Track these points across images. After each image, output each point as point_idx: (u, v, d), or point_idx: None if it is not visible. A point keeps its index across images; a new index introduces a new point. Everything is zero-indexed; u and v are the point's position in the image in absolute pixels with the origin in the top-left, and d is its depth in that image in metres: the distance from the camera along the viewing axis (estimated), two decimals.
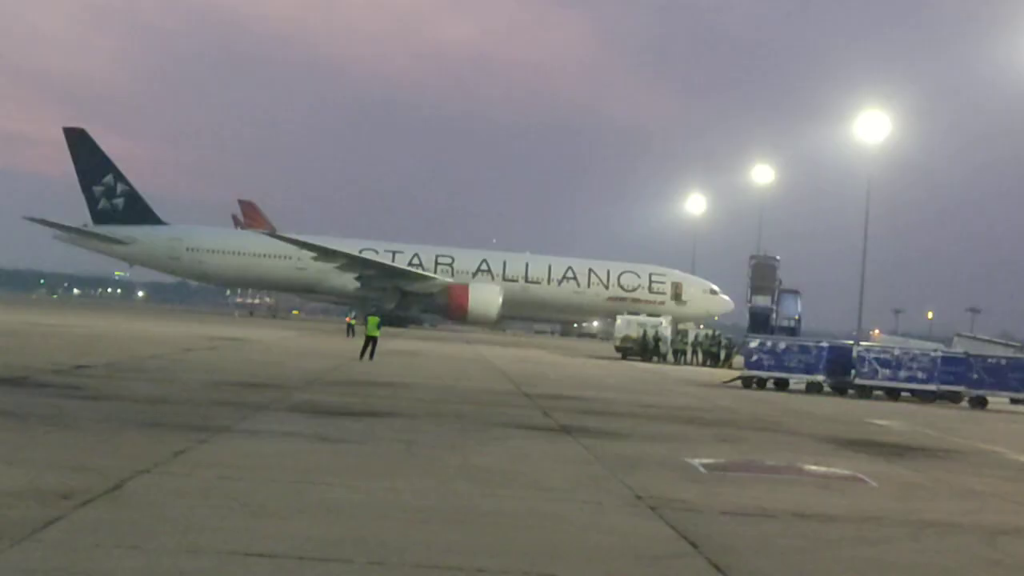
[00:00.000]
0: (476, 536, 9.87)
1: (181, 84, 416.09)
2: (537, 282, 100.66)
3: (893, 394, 41.89)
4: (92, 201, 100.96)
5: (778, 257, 65.89)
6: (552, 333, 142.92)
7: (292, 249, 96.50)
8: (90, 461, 12.41)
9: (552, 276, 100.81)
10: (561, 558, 9.33)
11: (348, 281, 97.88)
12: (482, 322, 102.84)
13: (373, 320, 41.58)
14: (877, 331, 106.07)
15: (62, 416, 16.40)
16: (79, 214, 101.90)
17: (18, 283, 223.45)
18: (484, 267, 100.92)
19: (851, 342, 48.52)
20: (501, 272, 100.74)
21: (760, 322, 60.99)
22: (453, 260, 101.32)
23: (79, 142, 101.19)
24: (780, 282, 64.08)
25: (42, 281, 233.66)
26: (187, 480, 11.72)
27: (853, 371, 42.70)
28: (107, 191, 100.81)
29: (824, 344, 44.31)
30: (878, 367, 42.27)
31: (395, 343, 55.72)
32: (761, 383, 42.93)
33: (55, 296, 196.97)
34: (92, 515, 9.58)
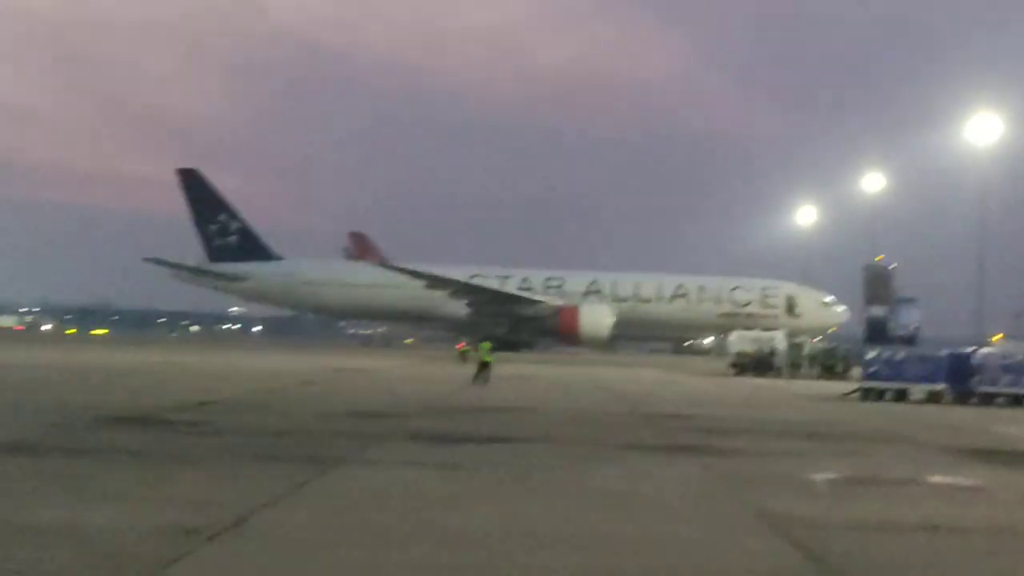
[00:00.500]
0: (596, 558, 9.83)
1: (288, 118, 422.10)
2: (648, 300, 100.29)
3: (1017, 401, 40.89)
4: (207, 239, 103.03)
5: (893, 265, 64.70)
6: (665, 351, 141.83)
7: (404, 278, 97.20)
8: (214, 496, 12.62)
9: (663, 294, 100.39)
10: None
11: (459, 308, 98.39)
12: (594, 343, 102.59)
13: (485, 346, 41.85)
14: (999, 336, 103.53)
15: (186, 453, 16.71)
16: (194, 252, 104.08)
17: (138, 323, 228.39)
18: (594, 288, 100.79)
19: (972, 349, 47.47)
20: (611, 292, 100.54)
21: (877, 332, 59.76)
22: (563, 282, 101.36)
23: (192, 182, 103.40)
24: (896, 291, 62.91)
25: (162, 320, 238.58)
26: (309, 512, 11.85)
27: (975, 378, 41.76)
28: (221, 229, 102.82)
29: (944, 352, 43.42)
30: (1000, 373, 41.32)
31: (508, 368, 55.82)
32: (880, 394, 42.20)
33: (174, 334, 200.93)
34: (218, 550, 9.73)
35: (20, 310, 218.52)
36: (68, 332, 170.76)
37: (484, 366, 40.51)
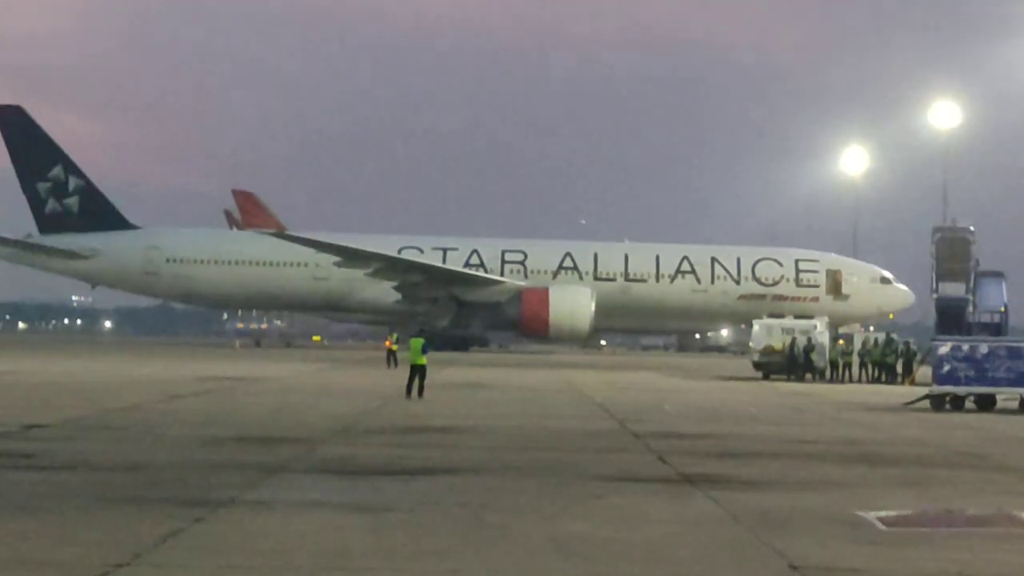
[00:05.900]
0: None
1: (150, 45, 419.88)
2: (642, 280, 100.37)
3: None
4: (37, 202, 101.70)
5: (972, 228, 64.81)
6: (666, 348, 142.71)
7: (308, 254, 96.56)
8: (52, 554, 12.56)
9: (662, 270, 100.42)
10: None
11: (385, 292, 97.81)
12: (569, 338, 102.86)
13: (416, 343, 41.35)
14: None
15: (11, 495, 16.60)
16: (20, 221, 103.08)
17: None
18: (568, 263, 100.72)
19: None
20: (592, 269, 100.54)
21: (952, 318, 60.21)
22: (526, 256, 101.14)
23: (15, 124, 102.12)
24: (977, 262, 63.11)
25: None
26: (179, 573, 11.83)
27: None
28: (56, 188, 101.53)
29: None
30: None
31: (453, 372, 55.86)
32: (957, 402, 42.39)
33: None
34: None
35: None
36: None
37: (417, 371, 40.26)
